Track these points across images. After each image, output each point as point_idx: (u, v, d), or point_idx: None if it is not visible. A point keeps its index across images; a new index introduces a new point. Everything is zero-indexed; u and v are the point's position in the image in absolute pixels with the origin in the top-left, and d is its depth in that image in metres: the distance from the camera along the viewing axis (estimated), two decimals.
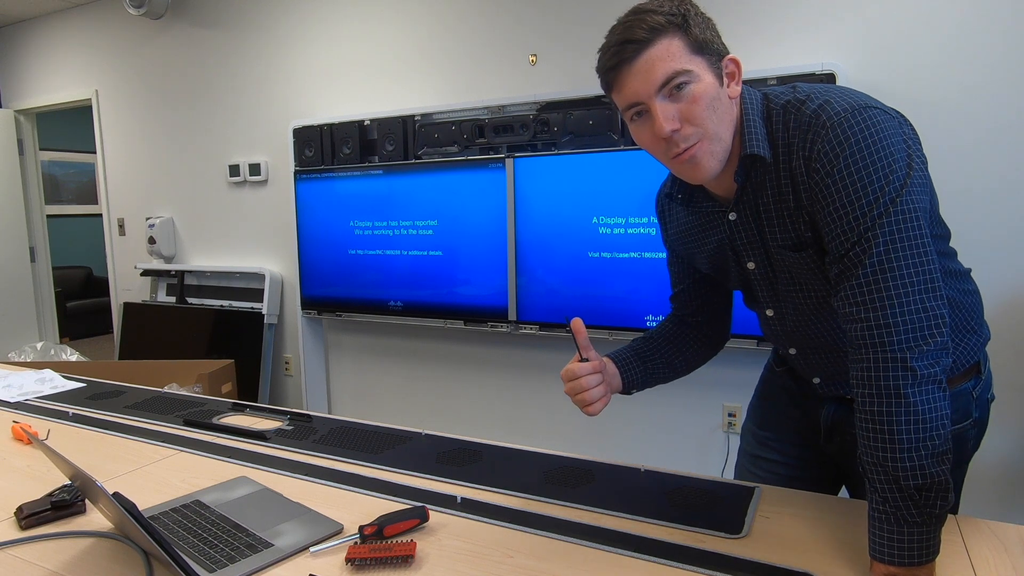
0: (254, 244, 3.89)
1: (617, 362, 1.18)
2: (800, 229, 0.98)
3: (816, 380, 1.15)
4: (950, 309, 0.91)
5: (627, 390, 1.19)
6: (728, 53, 0.96)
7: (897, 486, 0.84)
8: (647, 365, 1.21)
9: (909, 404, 0.84)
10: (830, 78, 2.26)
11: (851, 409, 1.13)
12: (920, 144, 0.94)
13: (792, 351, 1.15)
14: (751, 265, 1.08)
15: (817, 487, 1.18)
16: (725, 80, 0.95)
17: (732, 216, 1.04)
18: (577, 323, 1.09)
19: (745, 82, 0.99)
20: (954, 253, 1.08)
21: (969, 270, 1.12)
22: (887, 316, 0.86)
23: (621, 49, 0.91)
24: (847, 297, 0.90)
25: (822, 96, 0.93)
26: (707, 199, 1.08)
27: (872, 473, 0.87)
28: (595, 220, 2.68)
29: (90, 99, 4.42)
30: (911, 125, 0.96)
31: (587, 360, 1.10)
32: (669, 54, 0.90)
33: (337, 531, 1.03)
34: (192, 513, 1.08)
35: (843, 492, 1.26)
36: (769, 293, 1.10)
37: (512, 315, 2.90)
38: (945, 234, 1.06)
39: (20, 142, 4.83)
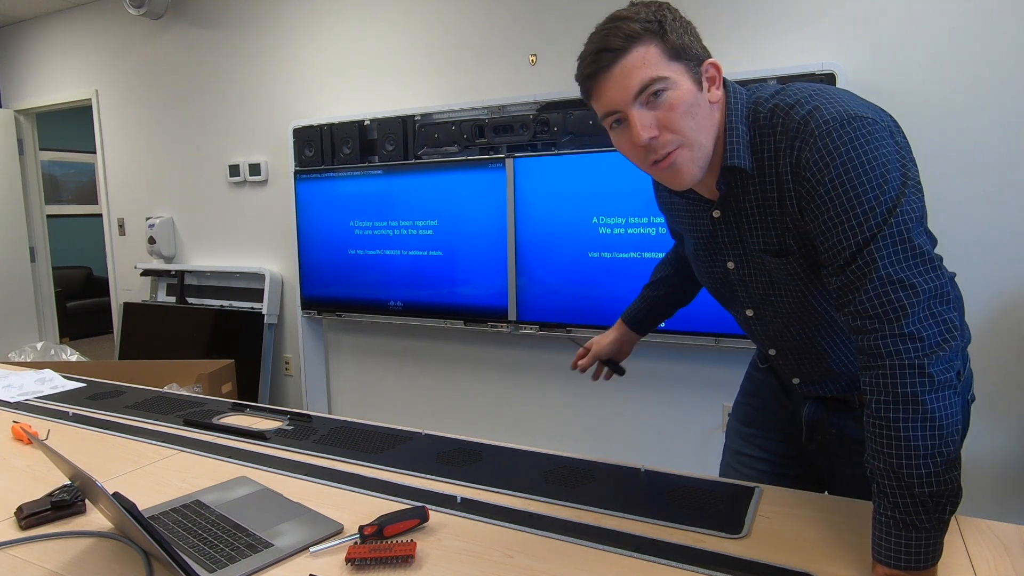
0: (254, 244, 3.89)
1: (653, 306, 1.45)
2: (783, 235, 0.98)
3: (795, 380, 1.16)
4: None
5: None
6: (708, 57, 0.96)
7: (909, 492, 0.83)
8: (658, 317, 1.46)
9: (927, 410, 0.83)
10: (830, 78, 2.26)
11: (830, 409, 1.14)
12: (910, 150, 0.94)
13: (772, 352, 1.15)
14: (731, 265, 1.08)
15: (802, 484, 1.19)
16: (705, 84, 0.95)
17: (716, 213, 1.05)
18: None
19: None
20: (940, 259, 1.09)
21: (954, 274, 1.12)
22: (904, 327, 0.85)
23: (597, 58, 0.92)
24: (858, 312, 0.88)
25: (811, 102, 0.92)
26: (692, 191, 1.08)
27: (882, 478, 0.86)
28: (595, 220, 2.68)
29: (90, 99, 4.42)
30: (901, 131, 0.95)
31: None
32: (645, 61, 0.90)
33: (337, 531, 1.03)
34: (192, 513, 1.08)
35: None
36: (748, 294, 1.10)
37: (512, 315, 2.90)
38: (933, 242, 1.06)
39: (20, 142, 4.83)
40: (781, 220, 0.97)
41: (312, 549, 0.98)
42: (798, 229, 0.96)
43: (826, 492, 1.25)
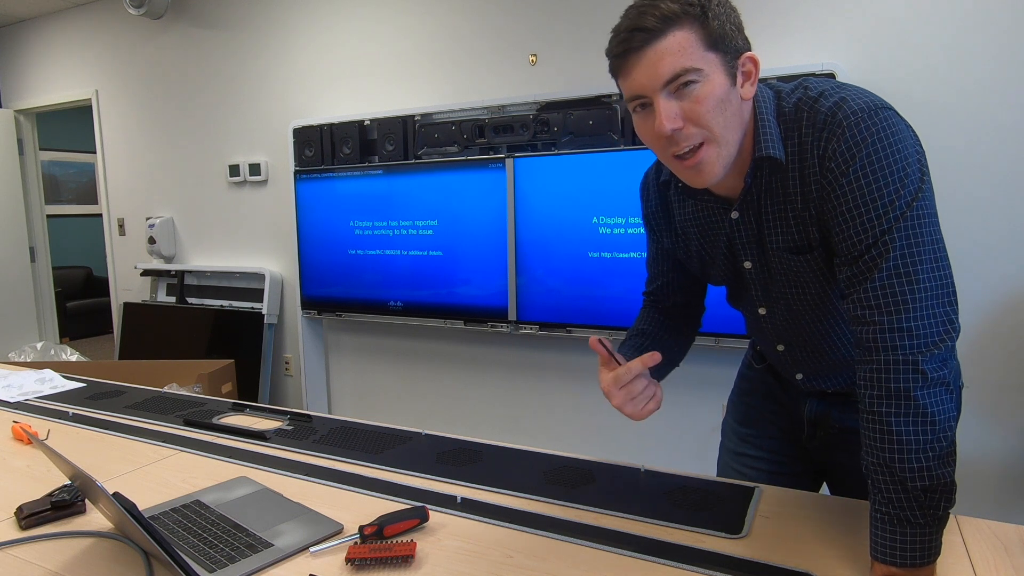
0: (254, 244, 3.89)
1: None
2: (806, 231, 0.96)
3: (799, 376, 1.15)
4: None
5: None
6: (748, 50, 0.91)
7: (903, 487, 0.84)
8: (655, 365, 1.16)
9: (918, 406, 0.83)
10: (830, 78, 2.26)
11: (832, 404, 1.14)
12: (923, 149, 0.94)
13: (780, 348, 1.15)
14: (747, 265, 1.07)
15: (798, 483, 1.19)
16: (739, 79, 0.90)
17: (734, 215, 1.03)
18: (594, 340, 1.00)
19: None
20: None
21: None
22: (902, 321, 0.85)
23: (630, 37, 0.87)
24: (861, 301, 0.88)
25: (836, 93, 0.90)
26: (707, 193, 1.06)
27: (876, 474, 0.86)
28: (595, 220, 2.68)
29: (90, 99, 4.42)
30: (914, 130, 0.95)
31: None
32: (680, 48, 0.85)
33: (337, 531, 1.03)
34: (192, 513, 1.08)
35: (823, 489, 1.26)
36: (763, 292, 1.09)
37: (512, 315, 2.90)
38: None
39: (20, 142, 4.83)
40: (804, 215, 0.95)
41: (312, 549, 0.98)
42: (821, 219, 0.94)
43: (826, 487, 1.26)
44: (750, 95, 0.93)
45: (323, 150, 3.33)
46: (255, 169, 3.77)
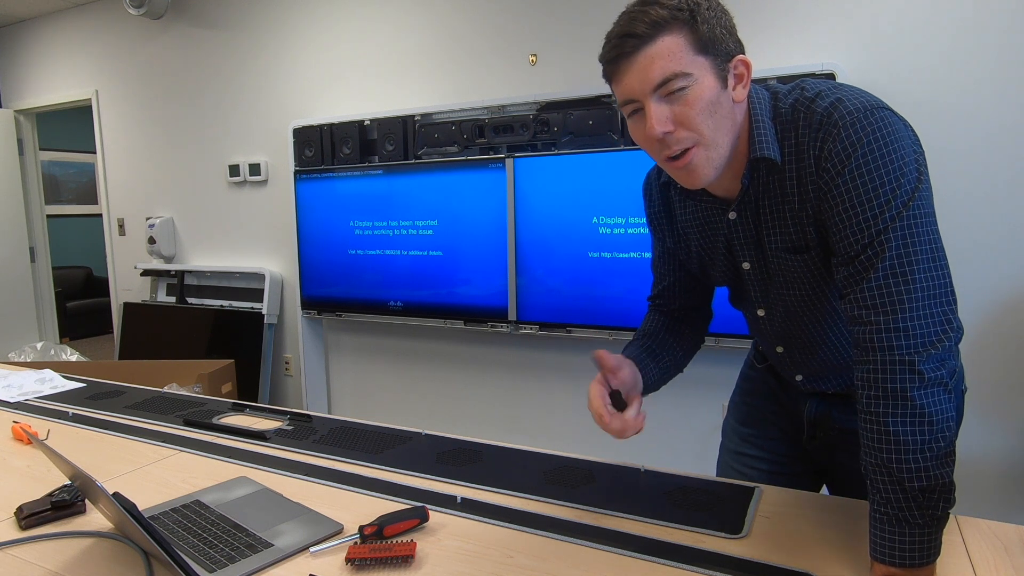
0: (254, 244, 3.89)
1: (637, 362, 1.12)
2: (803, 231, 0.97)
3: (799, 377, 1.15)
4: None
5: (643, 393, 1.12)
6: (739, 53, 0.92)
7: (900, 488, 0.84)
8: (659, 364, 1.18)
9: (915, 406, 0.83)
10: (830, 78, 2.26)
11: (832, 404, 1.14)
12: (922, 148, 0.94)
13: (779, 349, 1.15)
14: (746, 265, 1.07)
15: (798, 483, 1.19)
16: (731, 82, 0.92)
17: (732, 215, 1.03)
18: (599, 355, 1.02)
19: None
20: None
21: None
22: (898, 321, 0.85)
23: (621, 43, 0.88)
24: (857, 300, 0.89)
25: (833, 94, 0.91)
26: (706, 193, 1.06)
27: (875, 474, 0.86)
28: (595, 220, 2.68)
29: (90, 99, 4.42)
30: (913, 129, 0.96)
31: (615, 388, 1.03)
32: (669, 53, 0.86)
33: (337, 531, 1.03)
34: (192, 513, 1.08)
35: (823, 489, 1.26)
36: (761, 293, 1.09)
37: (512, 315, 2.90)
38: None
39: (20, 142, 4.84)
40: (802, 211, 0.95)
41: (312, 549, 0.98)
42: (818, 219, 0.94)
43: (825, 488, 1.26)
44: (742, 97, 0.94)
45: (323, 150, 3.33)
46: (255, 169, 3.77)
